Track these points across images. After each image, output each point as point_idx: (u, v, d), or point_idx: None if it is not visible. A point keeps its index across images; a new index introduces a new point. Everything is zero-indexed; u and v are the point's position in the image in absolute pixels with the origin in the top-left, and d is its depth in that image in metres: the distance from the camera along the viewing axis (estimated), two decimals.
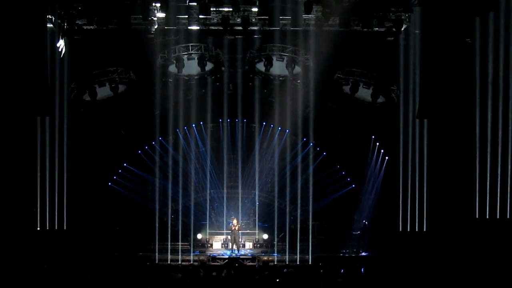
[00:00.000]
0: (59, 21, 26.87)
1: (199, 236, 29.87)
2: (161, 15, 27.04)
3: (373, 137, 31.10)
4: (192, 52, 29.20)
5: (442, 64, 24.53)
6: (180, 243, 28.50)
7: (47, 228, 29.09)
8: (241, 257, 27.04)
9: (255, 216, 30.88)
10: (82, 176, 29.82)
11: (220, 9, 27.16)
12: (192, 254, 27.78)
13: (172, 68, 29.75)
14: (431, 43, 24.73)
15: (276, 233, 29.38)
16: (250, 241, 30.05)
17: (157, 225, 28.93)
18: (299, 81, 30.18)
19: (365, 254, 28.56)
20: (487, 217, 28.00)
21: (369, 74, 29.86)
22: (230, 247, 28.67)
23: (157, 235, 28.41)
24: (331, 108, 30.98)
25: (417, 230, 29.71)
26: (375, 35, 28.03)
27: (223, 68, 30.18)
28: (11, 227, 27.30)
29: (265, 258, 27.01)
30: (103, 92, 29.84)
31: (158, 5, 26.55)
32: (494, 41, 27.09)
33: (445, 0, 24.40)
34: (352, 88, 30.06)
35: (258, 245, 29.97)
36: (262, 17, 27.40)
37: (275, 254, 28.04)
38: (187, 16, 27.39)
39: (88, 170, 30.05)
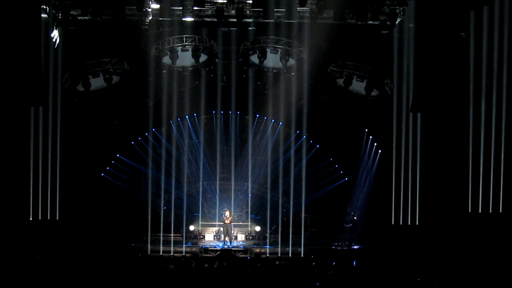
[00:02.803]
0: (54, 11, 26.77)
1: (192, 227, 29.89)
2: (155, 6, 26.95)
3: (366, 130, 31.14)
4: (186, 43, 29.15)
5: (436, 58, 24.50)
6: (172, 234, 28.61)
7: (40, 218, 29.07)
8: (233, 249, 27.08)
9: (248, 208, 30.94)
10: (75, 166, 29.81)
11: (215, 0, 27.11)
12: (184, 245, 27.83)
13: (166, 60, 29.71)
14: (425, 36, 24.70)
15: (268, 225, 29.41)
16: (242, 233, 30.07)
17: (149, 216, 28.92)
18: (293, 73, 30.17)
19: (357, 247, 28.59)
20: (480, 211, 28.07)
21: (363, 67, 29.87)
22: (222, 239, 28.69)
23: (150, 226, 28.42)
24: (324, 100, 30.99)
25: (409, 223, 29.78)
26: (369, 28, 27.95)
27: (217, 60, 30.14)
28: (3, 217, 27.23)
29: (257, 250, 27.06)
30: (97, 82, 29.81)
31: None
32: (488, 35, 27.11)
33: None
34: (346, 81, 30.08)
35: (251, 237, 29.99)
36: (257, 9, 27.29)
37: (267, 246, 28.06)
38: (181, 8, 27.28)
39: (81, 160, 30.03)
